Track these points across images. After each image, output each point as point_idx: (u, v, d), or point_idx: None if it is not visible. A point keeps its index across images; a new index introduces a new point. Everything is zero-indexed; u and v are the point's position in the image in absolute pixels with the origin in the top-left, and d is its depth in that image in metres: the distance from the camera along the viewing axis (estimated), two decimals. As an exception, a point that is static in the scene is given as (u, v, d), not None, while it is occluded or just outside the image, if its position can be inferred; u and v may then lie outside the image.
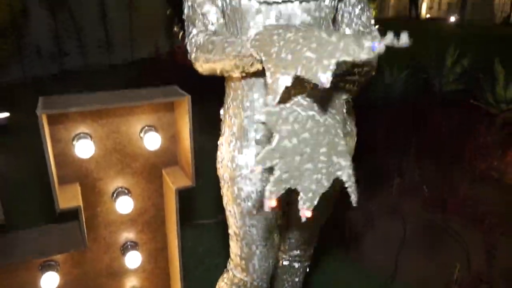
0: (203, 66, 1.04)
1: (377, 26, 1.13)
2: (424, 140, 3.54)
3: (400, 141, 3.50)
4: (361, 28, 1.10)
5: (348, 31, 1.10)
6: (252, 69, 0.94)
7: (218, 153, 1.20)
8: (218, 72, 1.02)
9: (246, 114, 1.08)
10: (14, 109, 4.29)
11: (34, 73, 6.05)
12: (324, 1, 1.00)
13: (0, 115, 4.15)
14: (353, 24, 1.10)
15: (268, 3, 0.97)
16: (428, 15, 15.94)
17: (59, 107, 1.22)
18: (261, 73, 0.89)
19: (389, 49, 0.65)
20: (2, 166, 3.41)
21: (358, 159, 1.06)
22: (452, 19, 14.13)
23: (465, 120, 3.84)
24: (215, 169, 1.23)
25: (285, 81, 0.70)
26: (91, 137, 1.41)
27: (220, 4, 1.04)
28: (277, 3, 0.96)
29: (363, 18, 1.11)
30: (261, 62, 0.80)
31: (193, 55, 1.05)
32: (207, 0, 1.04)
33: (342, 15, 1.11)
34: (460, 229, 2.56)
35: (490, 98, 4.00)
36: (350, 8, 1.09)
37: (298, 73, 0.69)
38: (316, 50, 0.69)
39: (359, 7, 1.10)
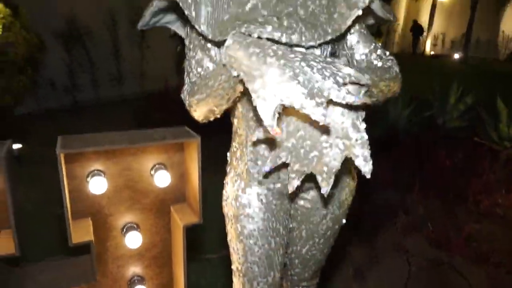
0: (197, 110, 1.09)
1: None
2: (428, 176, 3.57)
3: (405, 177, 3.54)
4: (378, 63, 1.14)
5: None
6: (236, 93, 1.00)
7: (224, 191, 1.27)
8: (214, 109, 1.07)
9: (249, 157, 1.15)
10: (27, 140, 4.42)
11: (48, 105, 6.24)
12: (328, 49, 1.08)
13: (13, 146, 4.26)
14: (368, 60, 1.16)
15: None
16: (432, 52, 16.23)
17: (76, 147, 1.30)
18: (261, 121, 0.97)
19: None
20: (15, 197, 3.49)
21: (363, 194, 1.12)
22: (456, 56, 14.38)
23: (469, 156, 3.88)
24: (220, 206, 1.29)
25: (274, 109, 0.80)
26: (104, 174, 1.48)
27: (213, 54, 1.09)
28: None
29: (378, 52, 1.16)
30: (241, 81, 0.90)
31: (187, 103, 1.11)
32: (200, 50, 1.09)
33: (352, 57, 1.17)
34: (465, 266, 2.56)
35: (493, 135, 4.06)
36: (353, 50, 1.16)
37: (287, 104, 0.79)
38: (304, 85, 0.78)
39: (361, 44, 1.15)
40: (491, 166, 3.68)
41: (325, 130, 0.88)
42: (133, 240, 1.55)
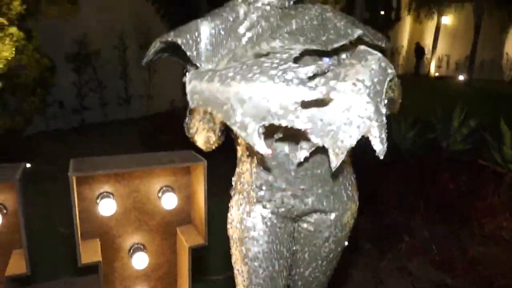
0: (197, 141, 1.20)
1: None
2: (432, 198, 3.58)
3: (409, 200, 3.55)
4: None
5: None
6: (218, 124, 1.12)
7: (229, 214, 1.30)
8: (208, 140, 1.18)
9: (254, 183, 1.19)
10: (35, 159, 4.49)
11: (56, 125, 6.36)
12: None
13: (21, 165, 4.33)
14: None
15: None
16: (437, 74, 16.35)
17: (87, 170, 1.35)
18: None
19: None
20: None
21: (367, 216, 1.16)
22: (461, 77, 14.46)
23: (473, 179, 3.88)
24: (225, 228, 1.33)
25: (257, 132, 0.84)
26: (113, 196, 1.53)
27: None
28: None
29: None
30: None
31: (189, 136, 1.20)
32: None
33: None
34: (469, 290, 2.55)
35: (497, 158, 4.07)
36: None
37: (266, 123, 0.83)
38: (272, 101, 0.82)
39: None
40: (496, 189, 3.68)
41: (346, 107, 0.89)
42: (140, 261, 1.58)
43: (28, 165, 4.25)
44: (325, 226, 1.26)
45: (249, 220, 1.22)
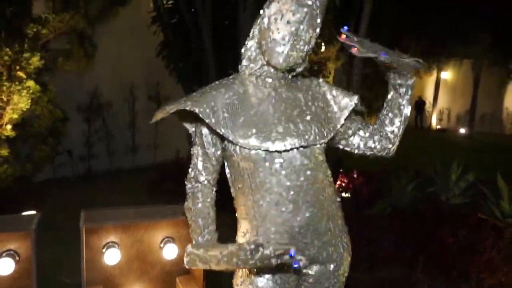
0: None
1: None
2: (432, 252, 3.60)
3: (408, 253, 3.57)
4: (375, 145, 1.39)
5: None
6: None
7: (238, 274, 1.34)
8: None
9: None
10: (42, 206, 4.58)
11: (64, 173, 6.51)
12: (315, 146, 1.25)
13: (27, 212, 4.42)
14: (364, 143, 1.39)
15: (277, 151, 1.19)
16: (438, 126, 16.59)
17: (98, 221, 1.46)
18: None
19: (396, 159, 0.90)
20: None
21: (366, 270, 1.24)
22: (462, 130, 14.67)
23: (472, 233, 3.91)
24: (223, 279, 1.39)
25: None
26: (118, 245, 1.63)
27: (218, 153, 1.28)
28: (279, 152, 1.20)
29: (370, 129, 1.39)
30: None
31: (186, 202, 1.32)
32: (201, 154, 1.29)
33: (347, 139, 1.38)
34: None
35: (496, 212, 4.11)
36: (351, 130, 1.36)
37: None
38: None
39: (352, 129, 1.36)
40: (495, 243, 3.69)
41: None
42: (140, 310, 1.65)
43: (33, 212, 4.32)
44: (325, 278, 1.33)
45: (259, 280, 1.26)
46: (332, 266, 1.32)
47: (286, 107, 1.23)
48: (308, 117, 1.24)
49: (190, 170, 1.32)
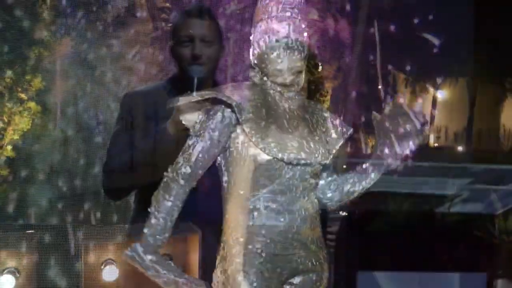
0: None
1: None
2: (429, 271, 3.60)
3: (404, 272, 3.57)
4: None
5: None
6: None
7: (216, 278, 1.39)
8: None
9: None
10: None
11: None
12: (319, 166, 1.35)
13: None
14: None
15: (291, 164, 1.27)
16: (436, 144, 16.64)
17: (97, 238, 1.51)
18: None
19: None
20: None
21: None
22: (460, 148, 14.73)
23: (469, 250, 3.92)
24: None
25: None
26: (116, 263, 1.67)
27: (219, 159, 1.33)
28: (293, 164, 1.28)
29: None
30: None
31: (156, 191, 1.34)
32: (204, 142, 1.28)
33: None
34: None
35: (491, 229, 4.14)
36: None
37: None
38: None
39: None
40: (491, 261, 3.71)
41: None
42: (137, 327, 1.67)
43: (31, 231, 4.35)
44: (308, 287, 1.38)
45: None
46: (314, 275, 1.36)
47: (299, 124, 1.33)
48: (316, 137, 1.35)
49: (180, 162, 1.35)
